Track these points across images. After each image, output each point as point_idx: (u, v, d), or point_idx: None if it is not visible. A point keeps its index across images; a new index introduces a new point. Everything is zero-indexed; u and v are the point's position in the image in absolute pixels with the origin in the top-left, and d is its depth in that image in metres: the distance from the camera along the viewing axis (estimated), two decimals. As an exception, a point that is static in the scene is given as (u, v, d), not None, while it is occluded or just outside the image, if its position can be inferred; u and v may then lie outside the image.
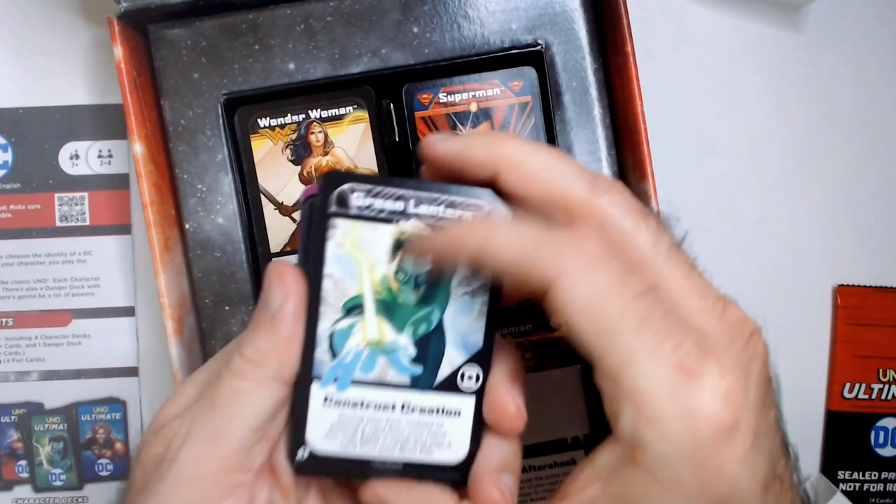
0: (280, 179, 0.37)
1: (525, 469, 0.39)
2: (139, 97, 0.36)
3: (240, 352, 0.25)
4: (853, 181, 0.45)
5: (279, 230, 0.37)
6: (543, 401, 0.38)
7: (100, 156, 0.44)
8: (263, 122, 0.37)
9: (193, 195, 0.37)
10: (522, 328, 0.38)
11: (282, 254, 0.37)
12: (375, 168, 0.37)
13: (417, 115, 0.37)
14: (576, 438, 0.39)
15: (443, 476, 0.27)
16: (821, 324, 0.46)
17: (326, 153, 0.37)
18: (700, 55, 0.45)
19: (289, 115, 0.37)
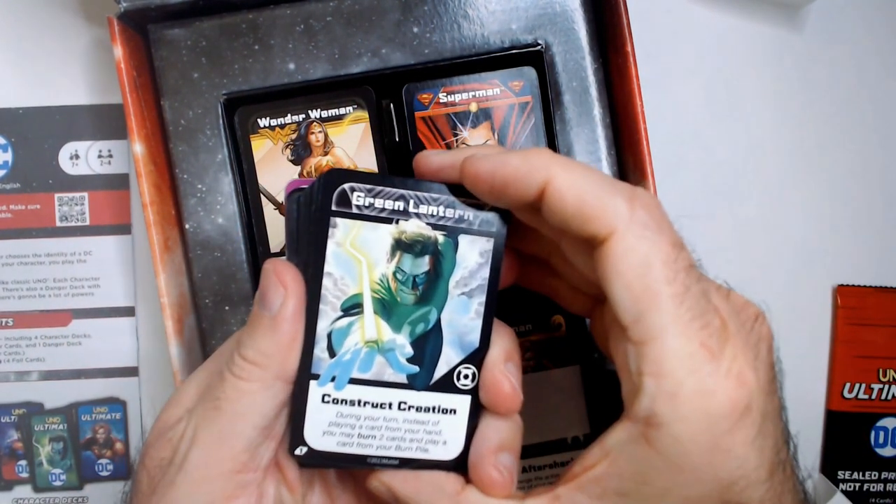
0: (280, 179, 0.37)
1: (525, 469, 0.39)
2: (139, 97, 0.36)
3: (240, 353, 0.25)
4: (853, 181, 0.45)
5: (279, 230, 0.37)
6: (543, 401, 0.38)
7: (100, 156, 0.44)
8: (263, 122, 0.37)
9: (193, 195, 0.37)
10: (522, 328, 0.38)
11: (282, 254, 0.37)
12: (376, 168, 0.37)
13: (417, 115, 0.37)
14: (576, 438, 0.39)
15: (440, 470, 0.27)
16: (821, 324, 0.46)
17: (326, 153, 0.37)
18: (700, 55, 0.45)
19: (289, 115, 0.37)
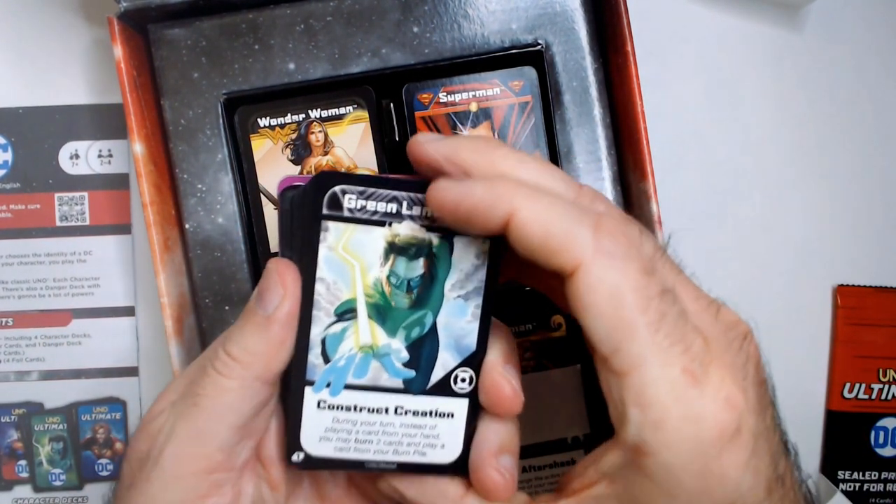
0: (280, 179, 0.37)
1: (525, 469, 0.39)
2: (139, 97, 0.36)
3: (226, 348, 0.25)
4: (853, 181, 0.45)
5: (279, 230, 0.37)
6: (543, 401, 0.38)
7: (100, 156, 0.44)
8: (263, 122, 0.37)
9: (193, 195, 0.37)
10: (522, 328, 0.38)
11: (282, 254, 0.37)
12: (375, 168, 0.37)
13: (417, 115, 0.37)
14: (576, 438, 0.39)
15: (438, 474, 0.26)
16: (821, 324, 0.46)
17: (326, 153, 0.37)
18: (700, 55, 0.45)
19: (289, 115, 0.37)
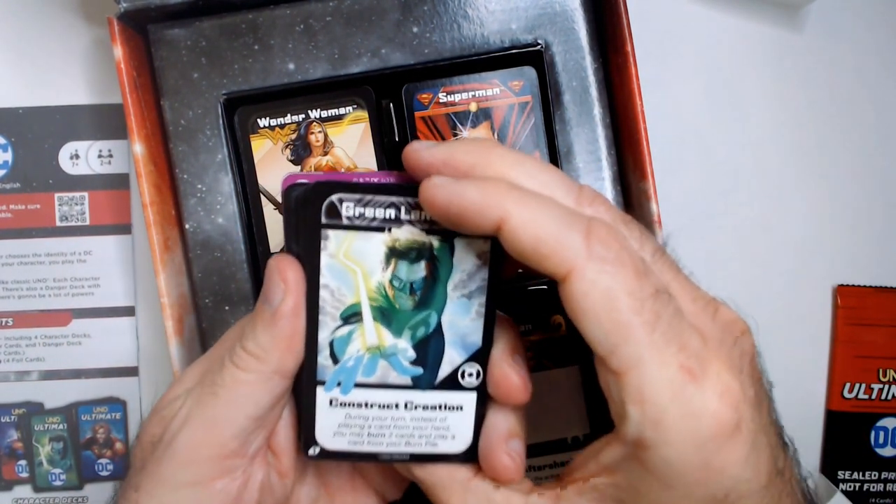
0: (280, 179, 0.37)
1: (525, 469, 0.39)
2: (139, 97, 0.36)
3: (242, 343, 0.26)
4: (853, 181, 0.45)
5: (279, 230, 0.37)
6: (543, 401, 0.38)
7: (100, 156, 0.44)
8: (263, 122, 0.37)
9: (193, 195, 0.37)
10: (522, 328, 0.38)
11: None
12: (375, 168, 0.37)
13: (417, 115, 0.37)
14: (576, 438, 0.39)
15: (450, 463, 0.27)
16: (821, 324, 0.46)
17: (326, 153, 0.37)
18: (700, 55, 0.45)
19: (289, 115, 0.37)
